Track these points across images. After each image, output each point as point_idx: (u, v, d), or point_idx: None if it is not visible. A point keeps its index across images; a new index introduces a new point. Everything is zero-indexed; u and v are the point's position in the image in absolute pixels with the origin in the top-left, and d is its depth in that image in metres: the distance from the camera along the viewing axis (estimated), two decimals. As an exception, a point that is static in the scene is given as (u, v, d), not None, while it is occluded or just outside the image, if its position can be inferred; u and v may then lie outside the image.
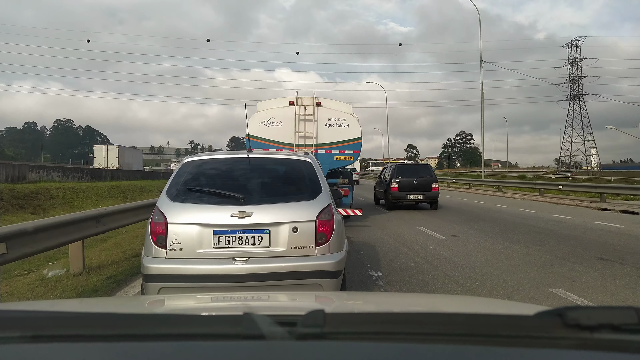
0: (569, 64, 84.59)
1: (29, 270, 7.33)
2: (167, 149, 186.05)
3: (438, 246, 8.88)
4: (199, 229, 3.99)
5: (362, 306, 1.81)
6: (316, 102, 12.67)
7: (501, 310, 1.65)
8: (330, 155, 12.40)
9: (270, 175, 4.69)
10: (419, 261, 7.41)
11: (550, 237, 9.95)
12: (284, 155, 5.25)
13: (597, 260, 7.33)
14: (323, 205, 4.22)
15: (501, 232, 10.81)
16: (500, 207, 17.90)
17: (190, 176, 4.44)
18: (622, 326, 0.87)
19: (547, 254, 7.90)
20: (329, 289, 4.08)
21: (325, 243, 4.10)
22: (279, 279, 3.98)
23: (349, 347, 0.91)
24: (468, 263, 7.23)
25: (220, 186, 4.32)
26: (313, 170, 4.57)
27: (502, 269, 6.83)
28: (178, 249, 3.97)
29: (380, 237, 10.01)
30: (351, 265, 6.72)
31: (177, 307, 1.78)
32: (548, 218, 13.82)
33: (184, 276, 3.94)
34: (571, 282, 6.06)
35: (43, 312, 1.20)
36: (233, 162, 4.75)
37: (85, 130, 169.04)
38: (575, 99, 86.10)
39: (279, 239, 4.03)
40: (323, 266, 4.03)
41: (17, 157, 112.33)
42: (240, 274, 3.93)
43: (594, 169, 77.56)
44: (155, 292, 3.95)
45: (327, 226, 4.13)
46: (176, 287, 3.98)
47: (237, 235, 4.01)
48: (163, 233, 4.01)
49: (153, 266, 3.95)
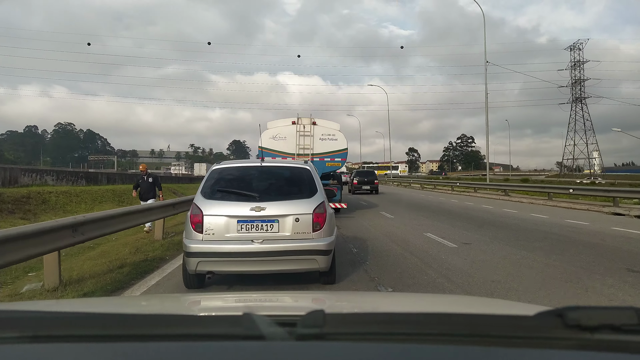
0: (572, 67, 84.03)
1: (4, 284, 6.70)
2: (168, 153, 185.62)
3: (450, 256, 8.17)
4: (227, 219, 5.32)
5: (362, 306, 1.81)
6: (312, 122, 16.46)
7: (501, 310, 1.64)
8: (323, 162, 16.02)
9: (278, 179, 6.01)
10: (432, 274, 6.68)
11: (569, 245, 9.24)
12: (288, 163, 6.97)
13: (628, 273, 6.64)
14: (318, 202, 5.54)
15: (515, 239, 10.06)
16: (510, 212, 17.14)
17: (217, 180, 5.77)
18: (623, 326, 0.86)
19: (571, 265, 7.21)
20: (322, 263, 5.41)
21: (319, 230, 5.41)
22: (285, 255, 5.28)
23: (348, 347, 0.90)
24: (487, 277, 6.52)
25: (241, 187, 5.66)
26: (311, 175, 5.93)
27: (527, 284, 6.11)
28: (211, 234, 5.29)
29: (388, 246, 9.27)
30: (357, 280, 6.38)
31: (177, 307, 1.74)
32: (562, 224, 13.11)
33: (216, 253, 5.24)
34: (608, 300, 5.37)
35: (43, 312, 1.18)
36: (250, 169, 6.08)
37: (86, 134, 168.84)
38: (578, 102, 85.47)
39: (285, 226, 5.35)
40: (318, 246, 5.35)
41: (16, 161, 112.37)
42: (257, 251, 5.23)
43: (596, 172, 76.65)
44: (195, 265, 5.27)
45: (321, 217, 5.46)
46: (210, 261, 5.26)
47: (255, 223, 5.32)
48: (200, 222, 5.31)
49: (193, 246, 5.27)
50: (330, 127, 16.76)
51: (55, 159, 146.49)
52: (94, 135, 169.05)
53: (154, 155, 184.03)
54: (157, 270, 7.17)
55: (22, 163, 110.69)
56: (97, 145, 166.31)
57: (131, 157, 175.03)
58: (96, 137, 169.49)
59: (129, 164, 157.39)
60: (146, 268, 7.25)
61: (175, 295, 4.91)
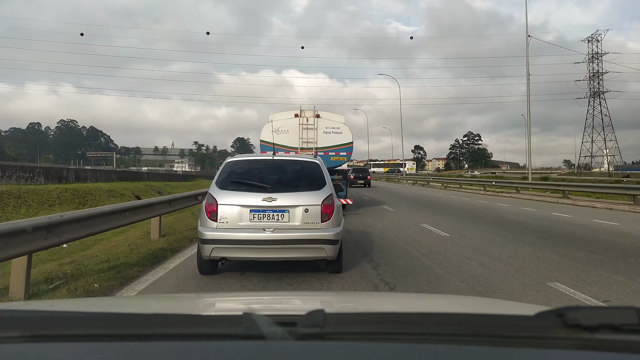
0: (589, 60, 78.80)
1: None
2: (172, 150, 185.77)
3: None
4: (240, 208, 5.55)
5: (362, 306, 1.81)
6: (316, 114, 15.72)
7: (501, 310, 1.63)
8: (327, 157, 14.98)
9: (289, 172, 6.33)
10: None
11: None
12: (298, 157, 7.18)
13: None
14: (327, 194, 5.74)
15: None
16: (598, 223, 12.80)
17: (231, 171, 6.04)
18: (623, 326, 0.86)
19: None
20: (330, 252, 5.61)
21: (327, 220, 5.61)
22: (295, 244, 5.51)
23: (348, 347, 0.91)
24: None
25: (254, 179, 5.91)
26: (320, 169, 6.15)
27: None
28: (225, 222, 5.53)
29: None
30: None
31: (176, 307, 1.75)
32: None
33: (230, 240, 5.48)
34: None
35: (43, 312, 1.17)
36: (262, 162, 6.47)
37: (89, 131, 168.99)
38: (596, 97, 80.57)
39: (295, 216, 5.56)
40: (326, 236, 5.55)
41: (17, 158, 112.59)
42: (268, 240, 5.44)
43: (607, 170, 73.71)
44: (209, 252, 5.54)
45: (329, 209, 5.65)
46: (224, 247, 5.51)
47: (266, 213, 5.54)
48: (215, 211, 5.56)
49: (208, 233, 5.52)
50: (334, 120, 16.07)
51: (58, 156, 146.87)
52: (97, 132, 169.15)
53: (157, 153, 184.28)
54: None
55: (24, 160, 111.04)
56: (100, 142, 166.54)
57: (134, 154, 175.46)
58: (99, 134, 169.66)
59: (132, 161, 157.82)
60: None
61: (175, 295, 4.94)
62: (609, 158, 79.56)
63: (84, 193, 21.63)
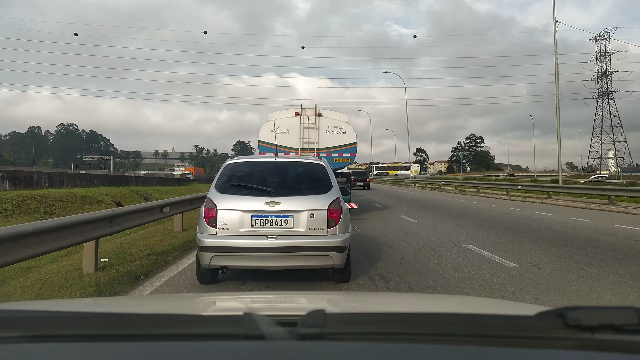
0: (597, 59, 77.03)
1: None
2: (172, 154, 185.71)
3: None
4: (241, 213, 5.25)
5: (362, 306, 1.81)
6: (317, 113, 14.69)
7: (501, 310, 1.64)
8: (330, 158, 13.84)
9: (293, 174, 5.96)
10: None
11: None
12: (303, 158, 6.70)
13: None
14: (333, 198, 5.42)
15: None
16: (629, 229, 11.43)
17: (231, 174, 5.70)
18: (623, 326, 0.86)
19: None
20: (337, 260, 5.27)
21: (334, 226, 5.29)
22: (299, 251, 5.17)
23: (349, 347, 0.91)
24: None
25: (255, 182, 5.56)
26: (325, 171, 5.82)
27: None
28: (225, 228, 5.21)
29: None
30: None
31: (177, 307, 1.75)
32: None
33: (230, 248, 5.16)
34: None
35: (43, 312, 1.18)
36: (264, 164, 6.09)
37: (89, 135, 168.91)
38: (604, 97, 78.79)
39: (300, 222, 5.25)
40: (333, 243, 5.21)
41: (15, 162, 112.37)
42: (271, 247, 5.13)
43: (612, 172, 72.36)
44: (209, 260, 5.20)
45: (336, 214, 5.32)
46: (224, 255, 5.19)
47: (269, 218, 5.23)
48: (214, 216, 5.24)
49: (207, 240, 5.19)
50: (337, 119, 14.97)
51: (57, 160, 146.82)
52: (96, 136, 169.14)
53: (157, 156, 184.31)
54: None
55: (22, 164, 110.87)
56: (100, 146, 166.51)
57: (134, 158, 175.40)
58: (99, 137, 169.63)
59: (132, 165, 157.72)
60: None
61: (176, 295, 4.91)
62: (618, 160, 77.54)
63: (53, 200, 18.73)
